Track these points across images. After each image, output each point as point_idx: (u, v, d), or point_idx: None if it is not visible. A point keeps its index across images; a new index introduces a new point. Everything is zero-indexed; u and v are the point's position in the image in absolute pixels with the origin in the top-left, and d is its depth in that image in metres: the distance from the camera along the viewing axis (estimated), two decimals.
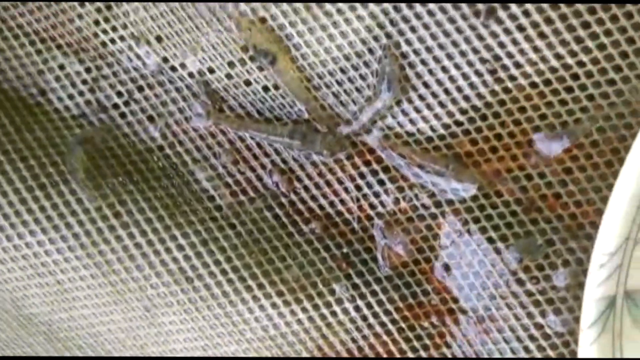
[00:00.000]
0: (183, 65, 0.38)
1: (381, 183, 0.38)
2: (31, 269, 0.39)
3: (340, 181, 0.38)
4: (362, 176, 0.38)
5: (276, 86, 0.37)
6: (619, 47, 0.33)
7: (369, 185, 0.38)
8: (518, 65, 0.34)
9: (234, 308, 0.39)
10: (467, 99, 0.35)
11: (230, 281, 0.38)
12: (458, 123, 0.36)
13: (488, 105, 0.35)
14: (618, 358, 0.33)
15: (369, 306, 0.39)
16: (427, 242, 0.38)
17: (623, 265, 0.32)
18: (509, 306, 0.37)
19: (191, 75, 0.38)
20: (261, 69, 0.37)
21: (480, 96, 0.35)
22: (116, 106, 0.39)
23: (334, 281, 0.38)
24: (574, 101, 0.34)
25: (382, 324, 0.39)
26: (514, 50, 0.34)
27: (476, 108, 0.35)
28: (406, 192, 0.38)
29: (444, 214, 0.37)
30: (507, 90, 0.35)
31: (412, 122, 0.36)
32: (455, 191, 0.37)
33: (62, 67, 0.39)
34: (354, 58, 0.36)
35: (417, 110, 0.36)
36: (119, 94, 0.39)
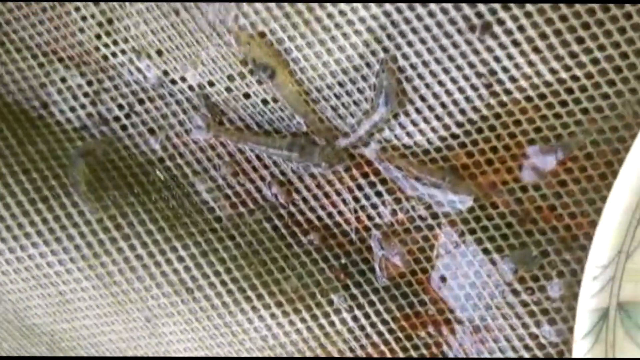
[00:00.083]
0: (183, 78, 0.38)
1: (379, 195, 0.38)
2: (34, 280, 0.40)
3: (338, 193, 0.39)
4: (360, 188, 0.38)
5: (275, 99, 0.38)
6: (613, 62, 0.34)
7: (367, 197, 0.38)
8: (513, 79, 0.35)
9: (234, 318, 0.39)
10: (463, 112, 0.36)
11: (229, 292, 0.39)
12: (454, 136, 0.36)
13: (484, 118, 0.36)
14: None
15: (367, 316, 0.39)
16: (424, 253, 0.38)
17: (616, 277, 0.32)
18: (505, 316, 0.37)
19: (191, 88, 0.39)
20: (260, 83, 0.37)
21: (476, 109, 0.36)
22: (117, 119, 0.40)
23: (332, 292, 0.39)
24: (568, 115, 0.35)
25: (380, 334, 0.39)
26: (509, 64, 0.34)
27: (472, 121, 0.36)
28: (403, 204, 0.38)
29: (441, 226, 0.38)
30: (503, 103, 0.35)
31: (409, 135, 0.37)
32: (451, 203, 0.37)
33: (64, 80, 0.40)
34: (352, 72, 0.36)
35: (414, 123, 0.37)
36: (120, 107, 0.40)
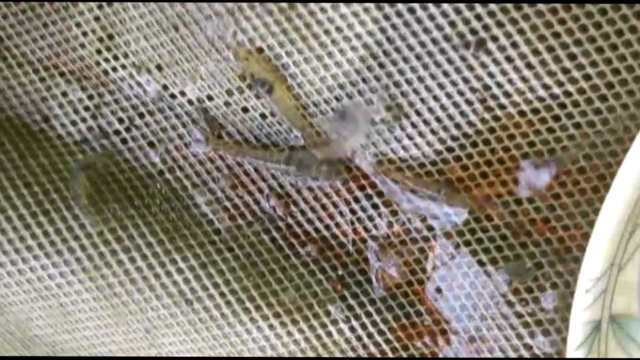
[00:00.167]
0: (183, 92, 0.39)
1: (375, 207, 0.39)
2: (35, 292, 0.40)
3: (335, 205, 0.39)
4: (357, 200, 0.39)
5: (273, 113, 0.38)
6: (605, 78, 0.34)
7: (363, 209, 0.39)
8: (507, 94, 0.35)
9: (232, 329, 0.40)
10: (458, 127, 0.36)
11: (228, 303, 0.39)
12: (449, 149, 0.37)
13: (478, 132, 0.36)
14: None
15: (364, 327, 0.40)
16: (420, 265, 0.39)
17: (608, 290, 0.33)
18: (499, 327, 0.38)
19: (190, 102, 0.39)
20: (258, 97, 0.38)
21: (470, 124, 0.36)
22: (118, 132, 0.40)
23: (330, 302, 0.39)
24: (561, 129, 0.35)
25: (377, 344, 0.40)
26: (503, 80, 0.35)
27: (467, 135, 0.37)
28: (399, 216, 0.39)
29: (436, 237, 0.38)
30: (497, 118, 0.36)
31: (405, 149, 0.37)
32: (447, 215, 0.38)
33: (65, 95, 0.40)
34: (349, 87, 0.37)
35: (410, 137, 0.37)
36: (121, 121, 0.40)
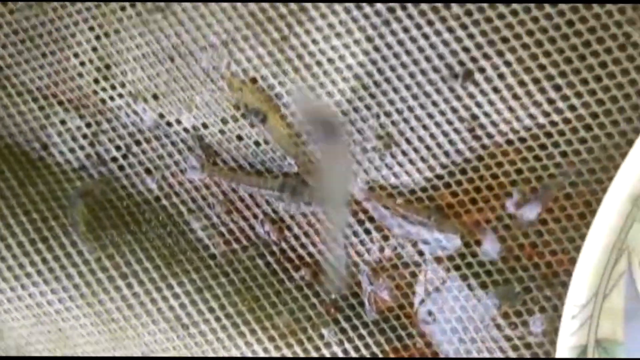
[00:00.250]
0: (179, 121, 0.40)
1: (367, 232, 0.40)
2: (34, 318, 0.41)
3: (328, 230, 0.40)
4: (349, 225, 0.40)
5: (267, 141, 0.39)
6: (589, 108, 0.35)
7: (356, 234, 0.40)
8: (494, 124, 0.36)
9: (228, 353, 0.41)
10: (447, 155, 0.37)
11: (224, 328, 0.40)
12: (439, 177, 0.38)
13: (467, 160, 0.37)
14: None
15: (357, 349, 0.40)
16: (411, 288, 0.40)
17: (594, 316, 0.34)
18: (489, 350, 0.39)
19: (186, 130, 0.40)
20: (252, 126, 0.39)
21: (459, 152, 0.37)
22: (115, 159, 0.41)
23: (323, 326, 0.40)
24: (548, 157, 0.36)
25: None
26: (490, 110, 0.36)
27: (456, 163, 0.37)
28: (391, 241, 0.40)
29: (427, 262, 0.39)
30: (485, 146, 0.37)
31: (396, 176, 0.38)
32: (437, 241, 0.39)
33: (64, 122, 0.41)
34: (340, 116, 0.38)
35: (400, 164, 0.38)
36: (118, 148, 0.41)
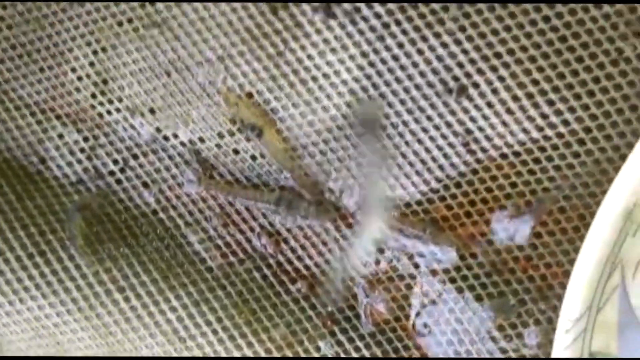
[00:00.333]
0: (175, 135, 0.40)
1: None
2: (32, 331, 0.41)
3: (324, 242, 0.40)
4: (345, 238, 0.40)
5: (263, 155, 0.39)
6: (583, 123, 0.35)
7: (352, 246, 0.40)
8: (488, 138, 0.36)
9: None
10: (442, 168, 0.38)
11: (220, 340, 0.40)
12: (434, 190, 0.38)
13: (462, 174, 0.37)
14: None
15: None
16: (407, 300, 0.40)
17: (587, 329, 0.34)
18: None
19: (183, 144, 0.40)
20: (249, 140, 0.39)
21: (454, 166, 0.37)
22: (112, 173, 0.41)
23: (320, 338, 0.41)
24: (542, 171, 0.37)
25: None
26: (485, 124, 0.36)
27: (450, 176, 0.38)
28: (386, 253, 0.40)
29: (423, 275, 0.39)
30: (479, 160, 0.37)
31: (391, 189, 0.39)
32: (433, 254, 0.39)
33: (61, 137, 0.41)
34: (336, 130, 0.38)
35: (396, 178, 0.38)
36: (115, 162, 0.41)
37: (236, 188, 0.40)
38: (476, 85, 0.36)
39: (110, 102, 0.40)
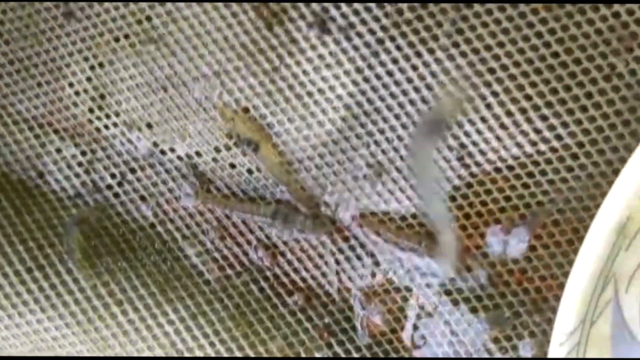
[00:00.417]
0: (172, 149, 0.40)
1: (359, 258, 0.40)
2: (31, 345, 0.42)
3: (320, 256, 0.41)
4: (341, 251, 0.40)
5: (259, 169, 0.40)
6: (576, 138, 0.36)
7: (348, 259, 0.40)
8: (482, 152, 0.37)
9: None
10: (437, 182, 0.38)
11: (218, 353, 0.41)
12: None
13: (456, 187, 0.38)
14: None
15: None
16: (403, 312, 0.40)
17: (581, 343, 0.34)
18: None
19: (180, 158, 0.41)
20: (245, 154, 0.39)
21: (448, 180, 0.38)
22: (110, 187, 0.42)
23: (316, 350, 0.41)
24: (536, 185, 0.37)
25: None
26: (479, 139, 0.36)
27: (445, 190, 0.38)
28: (382, 266, 0.40)
29: (418, 287, 0.40)
30: (473, 174, 0.37)
31: (386, 203, 0.39)
32: (428, 266, 0.39)
33: (59, 151, 0.42)
34: (331, 145, 0.38)
35: (391, 192, 0.38)
36: (113, 176, 0.42)
37: (233, 201, 0.41)
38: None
39: (107, 117, 0.41)
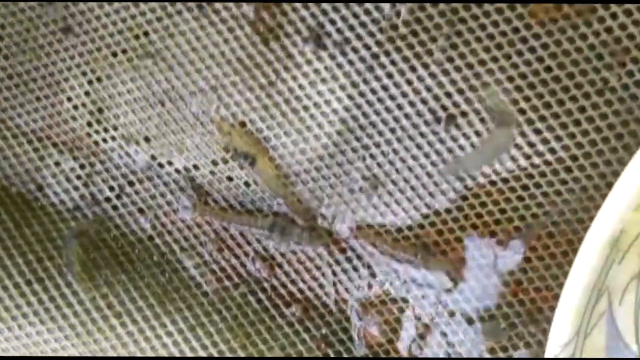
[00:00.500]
0: (170, 162, 0.41)
1: (355, 269, 0.41)
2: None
3: (318, 267, 0.41)
4: (338, 263, 0.41)
5: (256, 182, 0.40)
6: (569, 151, 0.36)
7: (345, 271, 0.41)
8: (477, 166, 0.37)
9: None
10: (432, 195, 0.38)
11: None
12: (424, 216, 0.39)
13: (451, 200, 0.38)
14: None
15: None
16: (400, 323, 0.41)
17: (575, 354, 0.34)
18: None
19: (178, 171, 0.41)
20: (242, 168, 0.40)
21: (443, 192, 0.38)
22: (108, 199, 0.42)
23: None
24: (530, 198, 0.37)
25: None
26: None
27: (440, 202, 0.38)
28: (378, 278, 0.40)
29: (414, 298, 0.40)
30: (468, 187, 0.38)
31: (382, 215, 0.39)
32: (424, 278, 0.40)
33: (58, 164, 0.42)
34: (327, 158, 0.39)
35: (387, 204, 0.39)
36: (111, 188, 0.42)
37: (230, 214, 0.41)
38: (464, 114, 0.36)
39: (105, 131, 0.41)
